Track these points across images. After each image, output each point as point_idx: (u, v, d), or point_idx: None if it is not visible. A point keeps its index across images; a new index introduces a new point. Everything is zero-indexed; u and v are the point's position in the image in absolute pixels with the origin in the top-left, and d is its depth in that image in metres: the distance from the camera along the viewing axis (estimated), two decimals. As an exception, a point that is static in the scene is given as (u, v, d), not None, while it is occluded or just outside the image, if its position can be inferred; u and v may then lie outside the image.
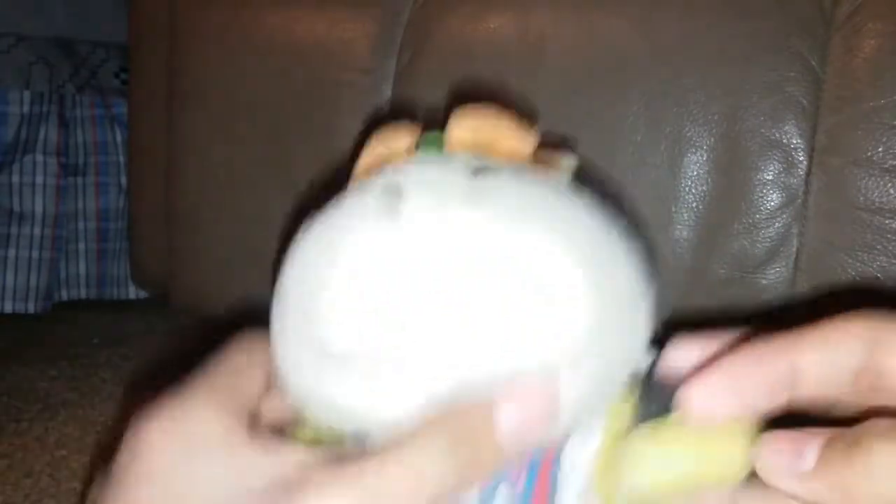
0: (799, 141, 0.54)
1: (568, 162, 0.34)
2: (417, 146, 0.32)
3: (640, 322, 0.27)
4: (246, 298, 0.61)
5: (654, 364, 0.29)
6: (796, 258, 0.54)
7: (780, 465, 0.25)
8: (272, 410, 0.30)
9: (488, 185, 0.27)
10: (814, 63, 0.53)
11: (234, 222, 0.77)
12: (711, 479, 0.27)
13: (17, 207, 1.06)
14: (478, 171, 0.28)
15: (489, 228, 0.26)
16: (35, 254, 1.07)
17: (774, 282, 0.55)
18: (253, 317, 0.30)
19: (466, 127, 0.32)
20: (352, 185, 0.31)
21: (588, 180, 0.32)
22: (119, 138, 1.11)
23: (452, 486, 0.24)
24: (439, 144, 0.32)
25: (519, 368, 0.25)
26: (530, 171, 0.29)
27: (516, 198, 0.27)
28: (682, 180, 0.56)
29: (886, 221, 0.51)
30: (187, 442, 0.26)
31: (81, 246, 1.12)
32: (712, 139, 0.56)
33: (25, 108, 1.03)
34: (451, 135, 0.32)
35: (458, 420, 0.24)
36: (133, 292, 1.14)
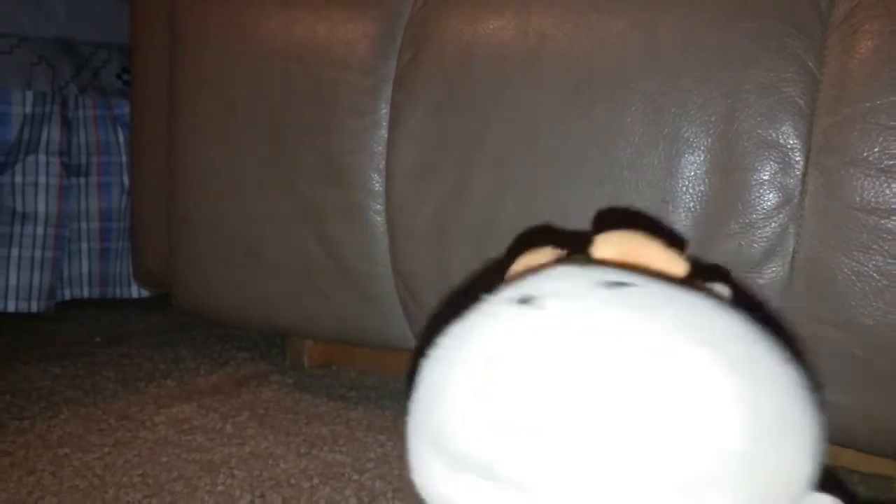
0: (796, 141, 0.54)
1: (721, 289, 0.32)
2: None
3: (800, 448, 0.25)
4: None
5: None
6: (793, 258, 0.54)
7: None
8: None
9: (625, 294, 0.26)
10: (811, 64, 0.54)
11: (236, 222, 0.77)
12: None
13: (19, 207, 1.06)
14: (612, 285, 0.27)
15: (629, 333, 0.24)
16: (38, 253, 1.07)
17: (771, 281, 0.55)
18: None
19: (612, 246, 0.31)
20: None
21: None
22: (121, 138, 1.12)
23: None
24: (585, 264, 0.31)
25: (659, 489, 0.23)
26: (679, 288, 0.28)
27: (658, 305, 0.26)
28: (680, 180, 0.56)
29: (882, 221, 0.51)
30: None
31: (84, 245, 1.12)
32: (710, 140, 0.56)
33: (28, 109, 1.04)
34: (596, 254, 0.31)
35: None
36: (135, 291, 1.15)
